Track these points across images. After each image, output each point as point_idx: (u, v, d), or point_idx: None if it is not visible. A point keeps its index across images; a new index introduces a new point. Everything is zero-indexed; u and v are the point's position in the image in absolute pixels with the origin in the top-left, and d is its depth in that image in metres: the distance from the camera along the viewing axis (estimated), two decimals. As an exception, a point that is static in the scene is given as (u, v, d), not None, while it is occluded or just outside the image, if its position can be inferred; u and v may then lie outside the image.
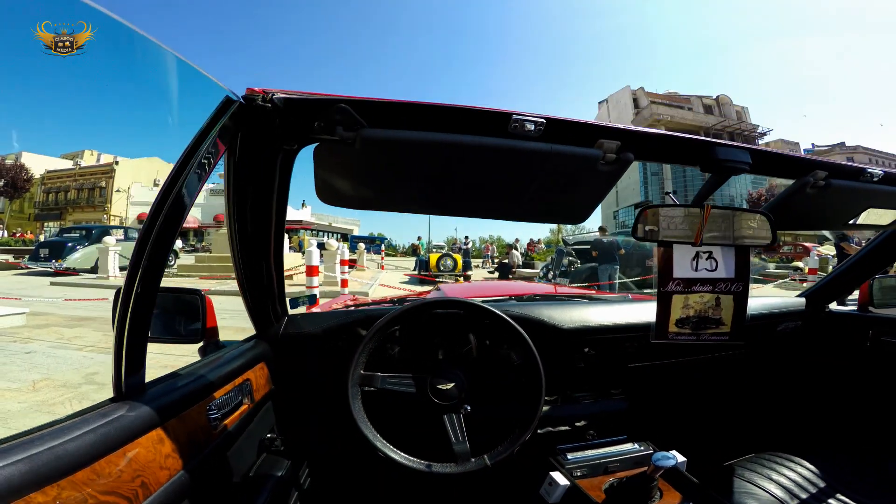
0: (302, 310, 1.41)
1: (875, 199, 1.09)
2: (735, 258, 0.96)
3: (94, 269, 11.61)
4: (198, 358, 0.95)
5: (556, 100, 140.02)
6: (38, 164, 34.19)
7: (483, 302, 1.47)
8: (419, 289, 5.78)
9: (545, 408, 1.19)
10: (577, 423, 1.26)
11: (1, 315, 3.23)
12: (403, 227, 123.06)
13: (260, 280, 1.06)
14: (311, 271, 5.15)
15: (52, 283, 9.81)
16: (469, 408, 1.02)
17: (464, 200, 0.97)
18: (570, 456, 1.11)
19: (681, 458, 1.00)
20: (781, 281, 10.18)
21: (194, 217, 36.03)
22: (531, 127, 0.71)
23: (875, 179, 0.97)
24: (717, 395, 1.56)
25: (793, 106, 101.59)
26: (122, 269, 11.43)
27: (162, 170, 39.37)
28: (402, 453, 0.96)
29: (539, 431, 1.21)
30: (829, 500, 1.03)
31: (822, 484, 1.08)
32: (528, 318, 1.23)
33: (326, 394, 1.16)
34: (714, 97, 49.38)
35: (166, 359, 2.50)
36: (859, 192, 1.02)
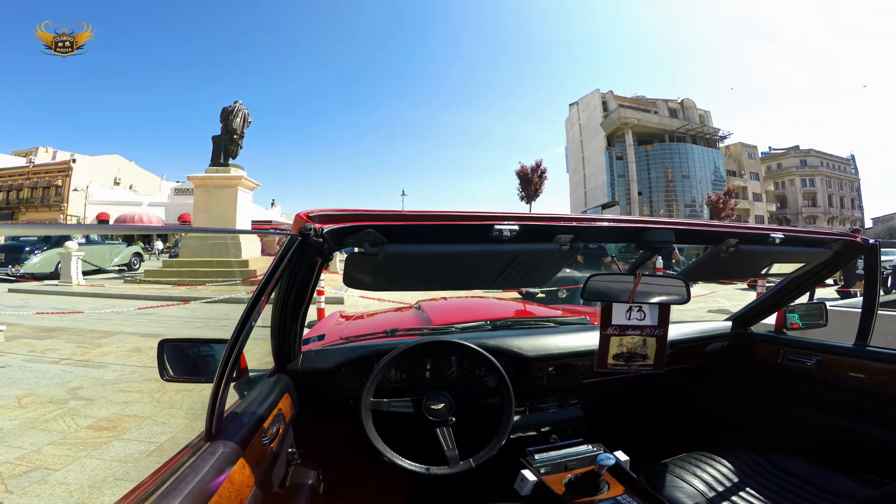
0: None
1: (779, 257, 1.38)
2: (658, 311, 1.26)
3: (54, 275, 11.21)
4: None
5: (528, 100, 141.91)
6: (-14, 160, 32.32)
7: (461, 328, 1.71)
8: (397, 301, 5.88)
9: (516, 417, 1.45)
10: (543, 429, 1.50)
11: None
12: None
13: (289, 332, 1.29)
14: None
15: (10, 291, 9.43)
16: (454, 419, 1.26)
17: (456, 283, 1.36)
18: (537, 456, 1.35)
19: (624, 458, 1.25)
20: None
21: (157, 217, 34.85)
22: (507, 233, 0.96)
23: (777, 241, 1.23)
24: (658, 404, 1.82)
25: (750, 110, 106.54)
26: (85, 274, 11.09)
27: (123, 168, 37.89)
28: (407, 460, 1.17)
29: (511, 437, 1.44)
30: (736, 492, 1.28)
31: (735, 479, 1.32)
32: (500, 349, 1.46)
33: (338, 414, 1.37)
34: (679, 101, 51.09)
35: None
36: (765, 252, 1.28)
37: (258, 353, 1.72)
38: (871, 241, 1.43)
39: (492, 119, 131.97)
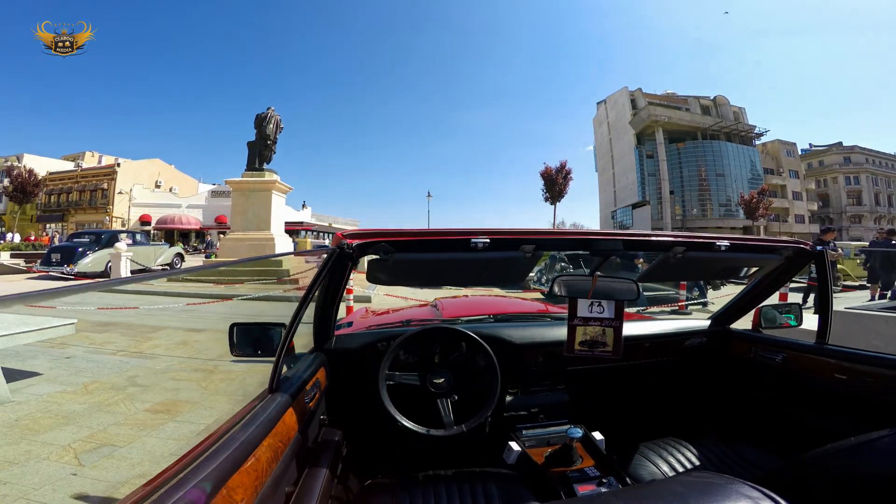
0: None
1: (725, 262, 1.60)
2: (614, 307, 1.47)
3: (104, 274, 12.03)
4: None
5: (557, 100, 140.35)
6: (39, 165, 34.48)
7: (466, 320, 1.95)
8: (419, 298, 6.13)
9: (509, 397, 1.69)
10: (532, 410, 1.70)
11: (54, 325, 3.60)
12: (404, 222, 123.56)
13: (327, 317, 1.60)
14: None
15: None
16: (456, 397, 1.50)
17: (447, 282, 1.93)
18: (525, 432, 1.56)
19: (599, 437, 1.46)
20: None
21: (196, 218, 36.45)
22: (481, 245, 1.23)
23: (723, 249, 1.41)
24: (637, 393, 1.96)
25: (789, 108, 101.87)
26: (132, 272, 11.86)
27: (163, 171, 39.77)
28: (411, 422, 1.41)
29: (504, 415, 1.67)
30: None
31: (696, 464, 1.45)
32: (493, 336, 1.68)
33: (362, 386, 1.62)
34: (711, 98, 49.54)
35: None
36: (712, 259, 1.49)
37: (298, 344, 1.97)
38: (818, 248, 1.54)
39: (520, 119, 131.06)
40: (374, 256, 1.30)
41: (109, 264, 11.63)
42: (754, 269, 1.79)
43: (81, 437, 2.52)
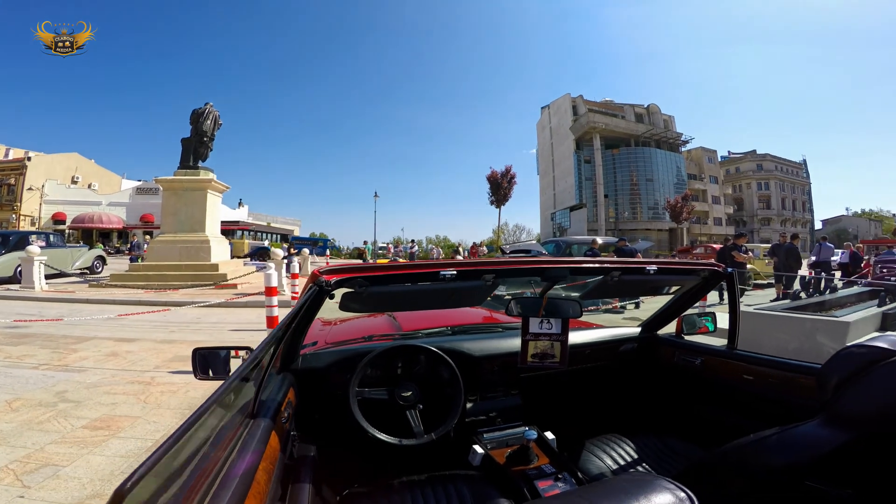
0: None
1: (653, 283, 1.86)
2: (560, 323, 1.68)
3: (12, 279, 10.87)
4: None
5: (504, 103, 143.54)
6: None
7: (426, 333, 2.07)
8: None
9: (469, 404, 1.81)
10: (490, 414, 1.83)
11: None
12: (347, 226, 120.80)
13: (296, 341, 1.68)
14: (271, 292, 5.42)
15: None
16: (421, 406, 1.61)
17: (419, 307, 2.03)
18: (485, 436, 1.70)
19: (551, 436, 1.63)
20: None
21: (118, 217, 33.63)
22: (448, 275, 1.38)
23: (652, 272, 1.67)
24: (581, 395, 2.17)
25: (712, 116, 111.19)
26: (47, 278, 10.79)
27: (81, 166, 36.31)
28: (383, 433, 1.52)
29: (465, 420, 1.79)
30: (633, 467, 1.63)
31: (635, 456, 1.67)
32: (454, 350, 1.83)
33: (332, 402, 1.69)
34: (645, 106, 52.80)
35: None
36: (643, 280, 1.75)
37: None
38: (729, 270, 1.84)
39: (465, 120, 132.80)
40: (348, 289, 1.39)
41: (20, 269, 10.50)
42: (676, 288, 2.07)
43: (18, 458, 2.39)
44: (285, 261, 10.46)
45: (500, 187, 35.70)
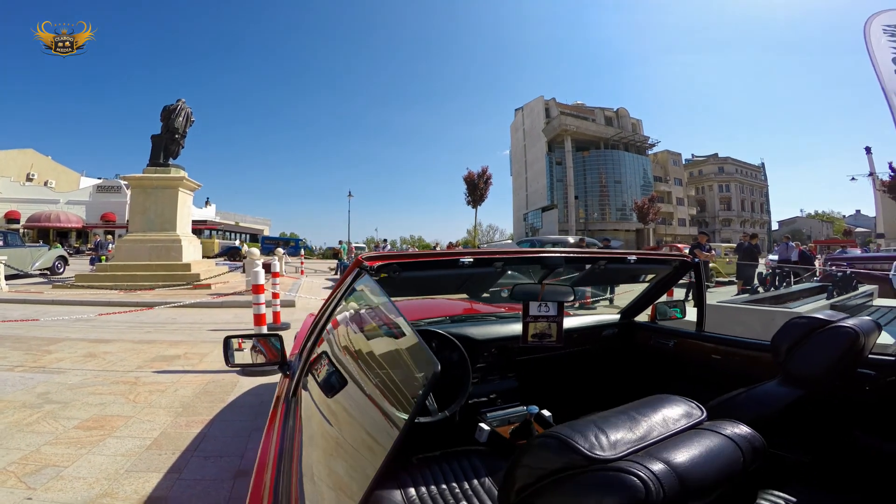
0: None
1: (633, 271, 2.06)
2: (557, 307, 1.87)
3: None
4: None
5: (478, 104, 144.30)
6: None
7: (427, 321, 2.22)
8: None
9: (472, 386, 1.94)
10: (491, 396, 2.00)
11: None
12: (318, 226, 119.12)
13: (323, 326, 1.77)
14: (258, 289, 5.40)
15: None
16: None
17: (439, 291, 2.17)
18: (488, 415, 1.86)
19: (548, 414, 1.81)
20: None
21: (77, 216, 32.13)
22: (467, 262, 1.54)
23: (632, 261, 1.88)
24: (571, 376, 2.37)
25: (678, 120, 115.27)
26: (7, 278, 10.29)
27: (37, 163, 34.52)
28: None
29: (469, 402, 1.95)
30: None
31: None
32: (459, 334, 1.99)
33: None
34: (615, 110, 54.34)
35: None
36: (626, 269, 1.95)
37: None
38: (696, 260, 2.06)
39: (440, 121, 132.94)
40: (384, 274, 1.53)
41: (-25, 269, 9.97)
42: (651, 276, 2.28)
43: (15, 460, 2.36)
44: (274, 259, 10.39)
45: (477, 188, 36.25)
